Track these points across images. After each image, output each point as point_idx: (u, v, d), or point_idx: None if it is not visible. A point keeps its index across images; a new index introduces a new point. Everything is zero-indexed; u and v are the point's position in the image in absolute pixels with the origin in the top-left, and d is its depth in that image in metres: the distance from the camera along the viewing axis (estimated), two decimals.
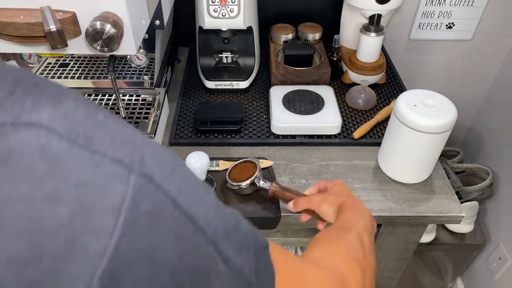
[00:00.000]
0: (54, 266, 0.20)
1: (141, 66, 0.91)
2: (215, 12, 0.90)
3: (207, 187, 0.30)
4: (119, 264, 0.21)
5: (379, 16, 0.96)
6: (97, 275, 0.21)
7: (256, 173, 0.73)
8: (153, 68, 0.91)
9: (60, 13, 0.56)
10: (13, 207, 0.20)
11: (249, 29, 0.96)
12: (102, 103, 0.88)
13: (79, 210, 0.21)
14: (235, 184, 0.73)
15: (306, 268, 0.39)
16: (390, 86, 1.06)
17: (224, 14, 0.90)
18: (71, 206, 0.21)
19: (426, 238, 1.20)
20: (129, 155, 0.24)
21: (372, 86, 1.03)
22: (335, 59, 1.06)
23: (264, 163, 0.82)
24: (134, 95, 0.90)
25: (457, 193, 1.13)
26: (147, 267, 0.23)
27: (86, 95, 0.89)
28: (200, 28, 0.95)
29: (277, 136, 0.89)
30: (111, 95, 0.90)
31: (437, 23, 1.23)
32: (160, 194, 0.24)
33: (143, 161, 0.24)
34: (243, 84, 1.01)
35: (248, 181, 0.73)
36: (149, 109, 0.86)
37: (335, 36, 1.04)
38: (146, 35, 0.84)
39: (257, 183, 0.73)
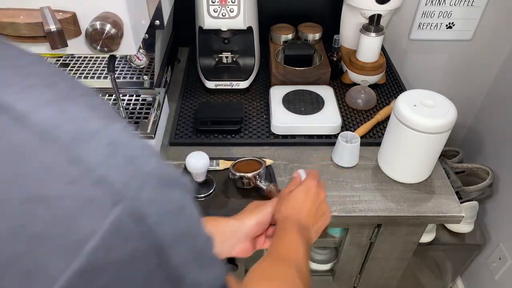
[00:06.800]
0: None
1: (141, 66, 0.91)
2: (215, 12, 0.90)
3: (212, 241, 0.23)
4: None
5: (379, 16, 0.96)
6: None
7: (260, 169, 0.74)
8: (153, 68, 0.91)
9: (60, 13, 0.56)
10: None
11: (249, 29, 0.96)
12: None
13: (18, 237, 0.15)
14: (237, 174, 0.74)
15: None
16: (390, 86, 1.06)
17: (224, 14, 0.90)
18: (9, 228, 0.15)
19: (426, 238, 1.20)
20: (125, 178, 0.17)
21: (372, 86, 1.03)
22: (335, 59, 1.06)
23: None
24: (134, 95, 0.90)
25: (457, 193, 1.13)
26: None
27: None
28: (200, 28, 0.95)
29: (277, 136, 0.89)
30: (111, 95, 0.90)
31: (437, 23, 1.23)
32: (146, 242, 0.18)
33: (140, 191, 0.18)
34: (243, 84, 1.01)
35: (251, 174, 0.74)
36: (149, 109, 0.86)
37: (335, 36, 1.04)
38: (146, 35, 0.84)
39: (257, 180, 0.74)
